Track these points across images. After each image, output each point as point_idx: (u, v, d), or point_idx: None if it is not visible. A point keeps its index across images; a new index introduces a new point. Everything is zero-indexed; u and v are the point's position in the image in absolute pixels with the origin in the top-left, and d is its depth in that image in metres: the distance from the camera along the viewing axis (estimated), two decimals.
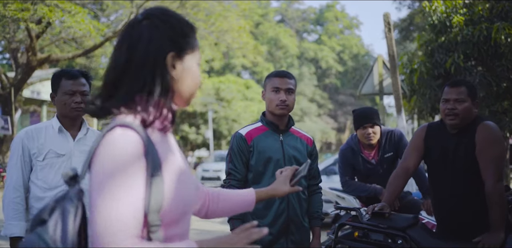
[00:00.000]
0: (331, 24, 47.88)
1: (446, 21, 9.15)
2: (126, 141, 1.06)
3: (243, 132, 2.77)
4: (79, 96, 2.47)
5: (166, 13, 1.21)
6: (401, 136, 3.80)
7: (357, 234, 2.89)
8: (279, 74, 2.77)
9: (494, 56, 8.62)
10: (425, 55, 9.57)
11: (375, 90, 7.80)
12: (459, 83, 2.79)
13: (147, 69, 1.14)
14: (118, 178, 1.03)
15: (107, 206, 1.01)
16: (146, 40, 1.15)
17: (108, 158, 1.04)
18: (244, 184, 2.72)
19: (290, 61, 42.87)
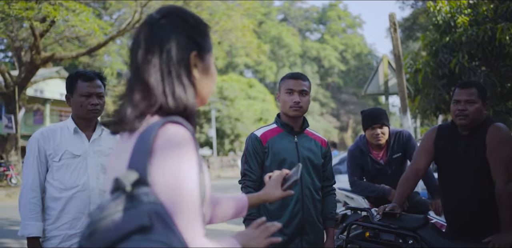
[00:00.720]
0: (333, 23, 47.84)
1: (450, 21, 9.17)
2: (181, 134, 1.06)
3: (258, 133, 2.80)
4: (95, 98, 2.49)
5: (184, 11, 1.19)
6: (409, 137, 3.82)
7: (368, 234, 2.92)
8: (293, 76, 2.79)
9: (499, 57, 8.63)
10: (429, 55, 9.59)
11: (380, 90, 7.80)
12: (470, 84, 2.81)
13: (174, 69, 1.13)
14: (190, 177, 1.03)
15: (186, 206, 1.01)
16: (169, 40, 1.14)
17: (173, 157, 1.03)
18: (259, 185, 2.75)
19: (293, 60, 42.87)
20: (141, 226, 0.90)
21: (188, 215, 1.01)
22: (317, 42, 46.65)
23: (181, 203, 1.01)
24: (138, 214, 0.92)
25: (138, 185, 0.98)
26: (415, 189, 4.50)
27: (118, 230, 0.90)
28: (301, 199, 2.70)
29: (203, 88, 1.20)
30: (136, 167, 1.02)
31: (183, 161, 1.03)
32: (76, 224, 2.41)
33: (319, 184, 2.81)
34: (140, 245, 0.88)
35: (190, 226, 1.01)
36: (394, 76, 7.69)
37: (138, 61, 1.14)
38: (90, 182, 2.46)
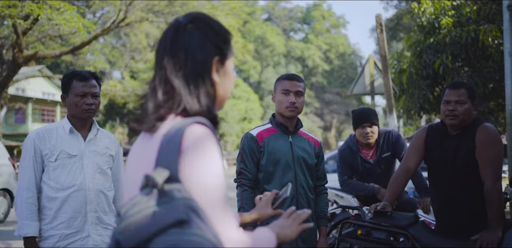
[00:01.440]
0: (317, 23, 48.06)
1: (434, 22, 9.30)
2: (207, 134, 1.10)
3: (254, 132, 2.85)
4: (90, 98, 2.50)
5: (209, 18, 1.24)
6: (398, 137, 3.90)
7: (360, 232, 2.97)
8: (289, 77, 2.85)
9: (481, 58, 8.79)
10: (413, 55, 9.72)
11: (366, 90, 7.91)
12: (459, 85, 2.88)
13: (198, 73, 1.17)
14: (218, 175, 1.08)
15: (217, 204, 1.06)
16: (196, 45, 1.18)
17: (199, 151, 1.06)
18: (254, 184, 2.80)
19: (277, 59, 42.99)
20: (179, 220, 0.93)
21: (221, 210, 1.07)
22: (301, 41, 46.80)
23: (213, 198, 1.06)
24: (174, 209, 0.95)
25: (170, 181, 1.01)
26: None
27: (156, 223, 0.93)
28: (296, 197, 2.76)
29: (222, 92, 1.23)
30: (166, 164, 1.05)
31: (212, 159, 1.08)
32: (73, 223, 2.42)
33: (312, 184, 2.87)
34: (179, 238, 0.91)
35: (224, 219, 1.07)
36: (380, 76, 7.79)
37: (163, 64, 1.18)
38: (86, 182, 2.46)
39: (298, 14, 49.29)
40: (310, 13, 47.87)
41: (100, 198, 2.50)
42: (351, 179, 3.97)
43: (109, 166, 2.59)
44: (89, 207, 2.46)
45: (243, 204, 2.74)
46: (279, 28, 46.37)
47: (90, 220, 2.46)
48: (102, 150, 2.57)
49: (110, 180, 2.59)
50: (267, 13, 48.06)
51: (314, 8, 48.06)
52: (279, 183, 2.76)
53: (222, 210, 1.07)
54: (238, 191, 2.79)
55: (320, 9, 47.86)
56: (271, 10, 47.71)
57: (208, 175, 1.06)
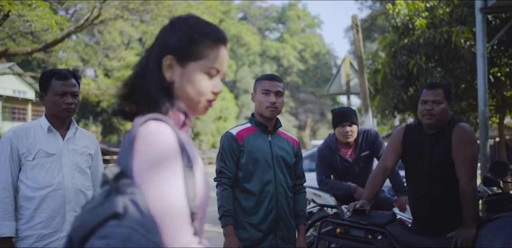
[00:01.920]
0: (293, 22, 48.27)
1: (409, 23, 9.45)
2: (163, 132, 1.10)
3: (233, 131, 2.87)
4: (70, 97, 2.46)
5: (186, 20, 1.24)
6: (377, 135, 3.96)
7: (339, 230, 3.01)
8: (269, 77, 2.88)
9: (454, 59, 8.97)
10: (388, 56, 9.86)
11: (342, 90, 7.99)
12: (436, 85, 2.94)
13: (150, 69, 1.22)
14: (165, 167, 1.07)
15: (161, 196, 1.05)
16: (155, 43, 1.25)
17: (150, 150, 1.08)
18: (234, 182, 2.82)
19: (252, 58, 43.03)
20: (114, 213, 0.99)
21: (172, 207, 1.06)
22: (276, 41, 46.93)
23: (163, 192, 1.05)
24: (114, 203, 1.01)
25: (120, 177, 1.06)
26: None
27: (97, 217, 0.99)
28: (276, 196, 2.79)
29: (184, 96, 1.22)
30: (120, 161, 1.10)
31: (162, 155, 1.08)
32: (51, 223, 2.38)
33: (291, 182, 2.90)
34: (112, 229, 0.96)
35: (176, 220, 1.05)
36: (356, 76, 7.88)
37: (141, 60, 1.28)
38: (65, 181, 2.43)
39: (273, 14, 49.39)
40: (285, 12, 48.03)
41: (79, 198, 2.46)
42: (329, 178, 4.01)
43: (88, 165, 2.56)
44: (68, 206, 2.42)
45: (223, 202, 2.75)
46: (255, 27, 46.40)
47: (69, 220, 2.42)
48: (81, 149, 2.53)
49: (90, 179, 2.56)
50: (242, 12, 48.02)
51: (289, 7, 48.24)
52: (259, 182, 2.79)
53: (176, 220, 1.05)
54: (218, 190, 2.80)
55: (295, 8, 48.07)
56: (247, 9, 47.69)
57: (156, 171, 1.06)
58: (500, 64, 9.02)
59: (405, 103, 9.81)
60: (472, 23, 8.48)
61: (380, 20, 22.81)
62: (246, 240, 2.76)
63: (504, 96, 9.67)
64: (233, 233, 2.73)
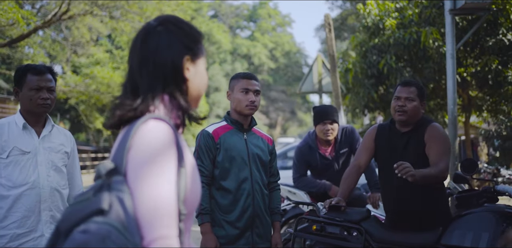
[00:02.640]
0: (264, 21, 48.32)
1: (379, 23, 9.61)
2: (161, 131, 1.13)
3: (210, 129, 2.87)
4: (46, 92, 2.42)
5: (179, 20, 1.30)
6: (353, 131, 4.03)
7: (315, 227, 3.04)
8: (247, 76, 2.90)
9: (423, 59, 9.17)
10: (359, 55, 10.00)
11: (314, 89, 8.07)
12: (410, 83, 3.02)
13: (167, 71, 1.23)
14: (158, 165, 1.09)
15: (151, 191, 1.07)
16: (165, 44, 1.24)
17: (146, 147, 1.10)
18: (211, 180, 2.83)
19: (223, 56, 42.91)
20: (99, 209, 1.01)
21: (159, 214, 1.06)
22: (247, 39, 46.91)
23: (154, 192, 1.07)
24: (100, 198, 1.03)
25: (112, 173, 1.08)
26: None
27: (83, 211, 1.02)
28: (252, 193, 2.82)
29: (195, 91, 1.29)
30: (115, 157, 1.13)
31: (158, 154, 1.10)
32: (26, 223, 2.33)
33: (266, 180, 2.93)
34: (95, 225, 0.99)
35: (162, 224, 1.06)
36: (328, 75, 7.97)
37: (133, 64, 1.25)
38: (40, 180, 2.38)
39: (244, 12, 49.30)
40: (257, 11, 48.02)
41: (54, 196, 2.42)
42: (305, 176, 4.05)
43: (64, 164, 2.51)
44: (43, 205, 2.37)
45: (200, 200, 2.74)
46: (226, 25, 46.26)
47: (44, 219, 2.37)
48: (57, 147, 2.48)
49: (65, 178, 2.51)
50: (213, 10, 47.76)
51: (260, 6, 48.25)
52: (235, 180, 2.81)
53: (161, 215, 1.06)
54: None
55: (266, 7, 48.10)
56: (218, 7, 47.47)
57: (149, 179, 1.07)
58: (466, 65, 9.27)
59: (375, 102, 9.98)
60: (440, 24, 8.68)
61: (350, 20, 23.09)
62: (223, 238, 2.77)
63: (470, 96, 9.94)
64: (210, 231, 2.74)
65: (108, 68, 20.88)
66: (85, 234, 0.98)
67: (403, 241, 2.84)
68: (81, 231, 0.99)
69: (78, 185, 2.63)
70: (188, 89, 1.27)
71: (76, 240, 0.98)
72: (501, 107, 9.62)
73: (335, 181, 3.89)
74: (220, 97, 38.96)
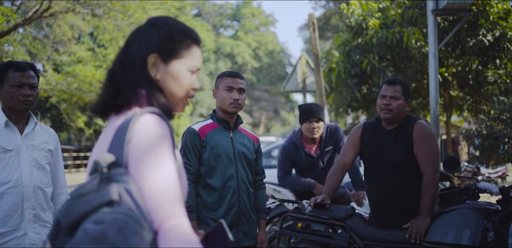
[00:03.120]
0: (247, 20, 48.30)
1: (362, 23, 9.68)
2: (158, 124, 1.16)
3: (196, 127, 2.87)
4: (28, 89, 2.38)
5: (165, 20, 1.32)
6: (337, 129, 4.05)
7: (300, 225, 3.06)
8: (231, 74, 2.91)
9: (405, 58, 9.28)
10: (342, 55, 10.07)
11: (298, 87, 8.09)
12: (396, 82, 3.06)
13: (135, 67, 1.26)
14: (159, 154, 1.12)
15: (155, 178, 1.10)
16: (137, 41, 1.29)
17: (146, 137, 1.13)
18: (197, 178, 2.83)
19: (207, 55, 42.76)
20: (109, 200, 1.02)
21: (166, 195, 1.10)
22: (231, 38, 46.83)
23: (158, 183, 1.10)
24: (109, 190, 1.04)
25: (113, 166, 1.09)
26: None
27: (90, 203, 1.03)
28: (237, 191, 2.82)
29: (171, 91, 1.29)
30: (114, 150, 1.13)
31: (157, 147, 1.13)
32: (8, 221, 2.29)
33: (252, 178, 2.94)
34: (106, 215, 1.00)
35: (168, 205, 1.10)
36: (312, 74, 8.00)
37: (115, 60, 1.31)
38: (23, 178, 2.34)
39: (228, 11, 49.21)
40: (240, 10, 47.96)
41: (38, 195, 2.38)
42: (289, 175, 4.06)
43: (47, 161, 2.47)
44: (26, 204, 2.34)
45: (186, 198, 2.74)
46: (209, 24, 46.11)
47: (27, 218, 2.34)
48: (41, 144, 2.45)
49: (49, 176, 2.48)
50: (197, 9, 47.56)
51: (243, 5, 48.21)
52: (221, 178, 2.80)
53: (166, 196, 1.09)
54: None
55: (250, 6, 48.08)
56: (201, 6, 47.27)
57: (151, 165, 1.10)
58: (448, 65, 9.40)
59: (359, 101, 10.06)
60: (422, 25, 8.78)
61: (334, 20, 23.22)
62: None
63: (451, 95, 10.08)
64: (196, 228, 2.73)
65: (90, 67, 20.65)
66: (100, 225, 0.98)
67: (387, 238, 2.88)
68: (94, 222, 0.99)
69: (62, 183, 2.60)
70: (164, 89, 1.28)
71: (90, 232, 0.97)
72: (481, 106, 9.78)
73: (320, 179, 3.91)
74: (203, 96, 38.82)
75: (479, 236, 2.63)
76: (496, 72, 8.74)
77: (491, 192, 2.91)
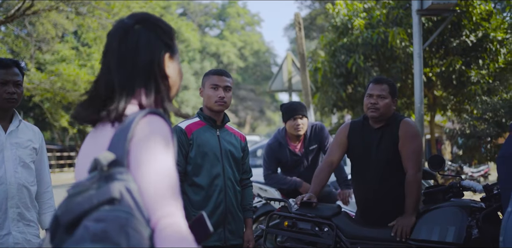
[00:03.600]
0: (233, 20, 48.23)
1: (348, 23, 9.74)
2: (161, 123, 1.17)
3: (182, 125, 2.86)
4: (12, 86, 2.35)
5: (155, 18, 1.33)
6: (322, 128, 4.06)
7: (287, 223, 3.06)
8: (217, 72, 2.90)
9: (390, 58, 9.35)
10: (328, 54, 10.11)
11: (284, 87, 8.10)
12: (382, 81, 3.07)
13: (150, 70, 1.25)
14: (160, 153, 1.13)
15: (155, 176, 1.10)
16: (145, 43, 1.26)
17: (149, 136, 1.13)
18: (183, 176, 2.81)
19: (192, 55, 42.62)
20: (110, 198, 1.02)
21: (165, 194, 1.10)
22: (216, 38, 46.72)
23: (157, 183, 1.11)
24: (110, 188, 1.03)
25: (114, 165, 1.09)
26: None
27: (90, 201, 1.02)
28: (224, 189, 2.81)
29: (175, 86, 1.33)
30: (115, 150, 1.12)
31: (158, 147, 1.14)
32: None
33: (239, 177, 2.93)
34: (107, 213, 0.99)
35: (167, 202, 1.10)
36: (298, 74, 8.02)
37: (112, 62, 1.26)
38: (7, 176, 2.31)
39: (213, 10, 49.06)
40: (226, 9, 47.86)
41: (22, 193, 2.35)
42: (275, 173, 4.07)
43: (32, 160, 2.44)
44: (10, 202, 2.30)
45: None
46: (194, 24, 45.92)
47: (11, 217, 2.30)
48: (25, 142, 2.42)
49: (34, 174, 2.44)
50: (182, 8, 47.34)
51: (229, 5, 48.13)
52: (207, 176, 2.79)
53: (165, 194, 1.10)
54: None
55: (235, 6, 48.02)
56: (186, 5, 47.04)
57: (152, 162, 1.11)
58: (432, 65, 9.50)
59: (344, 101, 10.11)
60: (407, 25, 8.86)
61: (319, 20, 23.31)
62: None
63: (435, 95, 10.18)
64: None
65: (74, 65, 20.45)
66: (101, 223, 0.98)
67: (373, 237, 2.89)
68: (95, 220, 0.98)
69: (47, 182, 2.57)
70: (169, 85, 1.30)
71: (91, 229, 0.97)
72: (464, 106, 9.90)
73: (304, 178, 3.92)
74: (188, 95, 38.68)
75: (463, 233, 2.66)
76: (479, 72, 8.85)
77: (475, 190, 2.94)
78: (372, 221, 3.02)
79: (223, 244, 2.80)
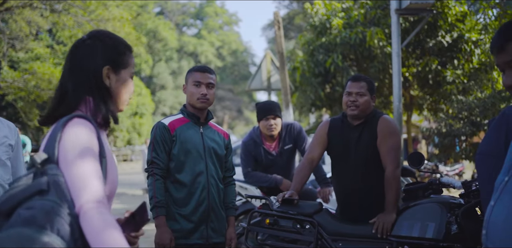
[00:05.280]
0: (211, 19, 48.10)
1: (326, 23, 9.78)
2: (85, 126, 1.36)
3: (166, 122, 2.83)
4: None
5: (106, 34, 1.53)
6: (300, 129, 4.05)
7: (268, 221, 3.04)
8: (200, 69, 2.88)
9: (368, 58, 9.43)
10: (306, 54, 10.14)
11: (263, 86, 8.10)
12: (361, 78, 3.09)
13: (89, 78, 1.45)
14: (83, 151, 1.31)
15: (78, 170, 1.28)
16: (88, 55, 1.47)
17: (73, 138, 1.32)
18: (166, 173, 2.78)
19: (170, 54, 42.34)
20: (40, 190, 1.23)
21: (83, 183, 1.27)
22: (194, 37, 46.53)
23: (77, 174, 1.29)
24: (40, 182, 1.25)
25: (47, 162, 1.30)
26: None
27: (24, 192, 1.23)
28: (207, 187, 2.79)
29: (120, 97, 1.52)
30: (47, 149, 1.34)
31: (82, 147, 1.32)
32: None
33: (221, 174, 2.91)
34: (36, 202, 1.20)
35: (88, 192, 1.26)
36: (277, 73, 8.03)
37: (64, 72, 1.49)
38: None
39: (191, 10, 48.84)
40: (203, 9, 47.69)
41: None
42: (255, 171, 4.05)
43: (8, 157, 2.37)
44: None
45: (155, 193, 2.70)
46: (172, 23, 45.63)
47: None
48: (1, 139, 2.35)
49: (10, 172, 2.38)
50: (159, 7, 47.00)
51: (207, 4, 47.98)
52: (190, 173, 2.77)
53: (86, 185, 1.27)
54: (150, 181, 2.74)
55: (213, 5, 47.90)
56: (164, 4, 46.70)
57: (75, 160, 1.29)
58: (408, 65, 9.61)
59: (322, 100, 10.16)
60: (384, 25, 8.94)
61: (297, 20, 23.39)
62: (178, 232, 2.73)
63: (412, 95, 10.31)
64: (164, 224, 2.69)
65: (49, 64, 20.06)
66: (31, 210, 1.18)
67: (354, 233, 2.90)
68: (26, 208, 1.19)
69: None
70: (112, 95, 1.49)
71: (22, 215, 1.17)
72: (440, 105, 10.05)
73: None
74: (166, 95, 38.41)
75: (443, 229, 2.69)
76: (454, 72, 9.00)
77: (454, 186, 2.97)
78: (352, 218, 3.03)
79: (205, 242, 2.78)
